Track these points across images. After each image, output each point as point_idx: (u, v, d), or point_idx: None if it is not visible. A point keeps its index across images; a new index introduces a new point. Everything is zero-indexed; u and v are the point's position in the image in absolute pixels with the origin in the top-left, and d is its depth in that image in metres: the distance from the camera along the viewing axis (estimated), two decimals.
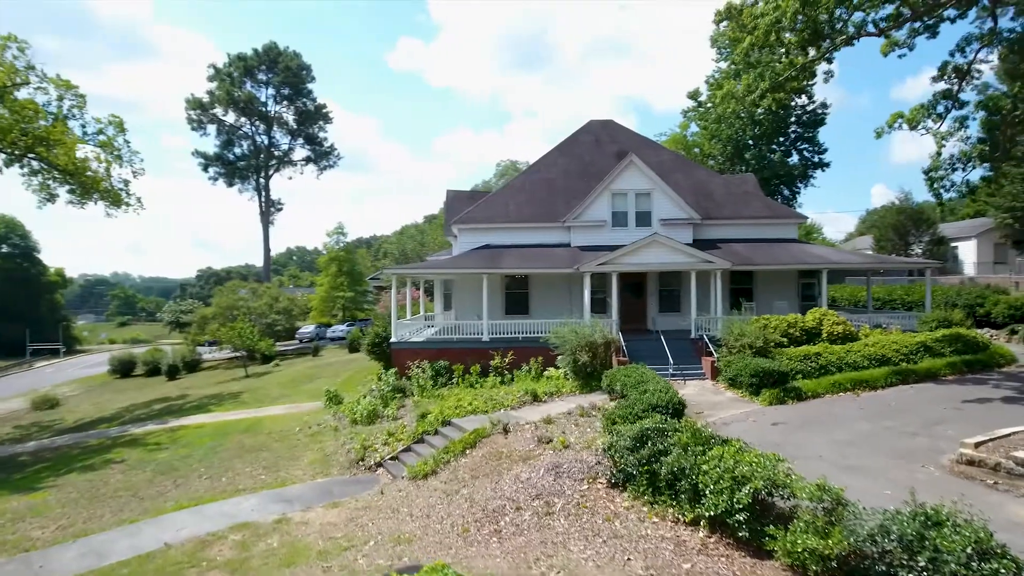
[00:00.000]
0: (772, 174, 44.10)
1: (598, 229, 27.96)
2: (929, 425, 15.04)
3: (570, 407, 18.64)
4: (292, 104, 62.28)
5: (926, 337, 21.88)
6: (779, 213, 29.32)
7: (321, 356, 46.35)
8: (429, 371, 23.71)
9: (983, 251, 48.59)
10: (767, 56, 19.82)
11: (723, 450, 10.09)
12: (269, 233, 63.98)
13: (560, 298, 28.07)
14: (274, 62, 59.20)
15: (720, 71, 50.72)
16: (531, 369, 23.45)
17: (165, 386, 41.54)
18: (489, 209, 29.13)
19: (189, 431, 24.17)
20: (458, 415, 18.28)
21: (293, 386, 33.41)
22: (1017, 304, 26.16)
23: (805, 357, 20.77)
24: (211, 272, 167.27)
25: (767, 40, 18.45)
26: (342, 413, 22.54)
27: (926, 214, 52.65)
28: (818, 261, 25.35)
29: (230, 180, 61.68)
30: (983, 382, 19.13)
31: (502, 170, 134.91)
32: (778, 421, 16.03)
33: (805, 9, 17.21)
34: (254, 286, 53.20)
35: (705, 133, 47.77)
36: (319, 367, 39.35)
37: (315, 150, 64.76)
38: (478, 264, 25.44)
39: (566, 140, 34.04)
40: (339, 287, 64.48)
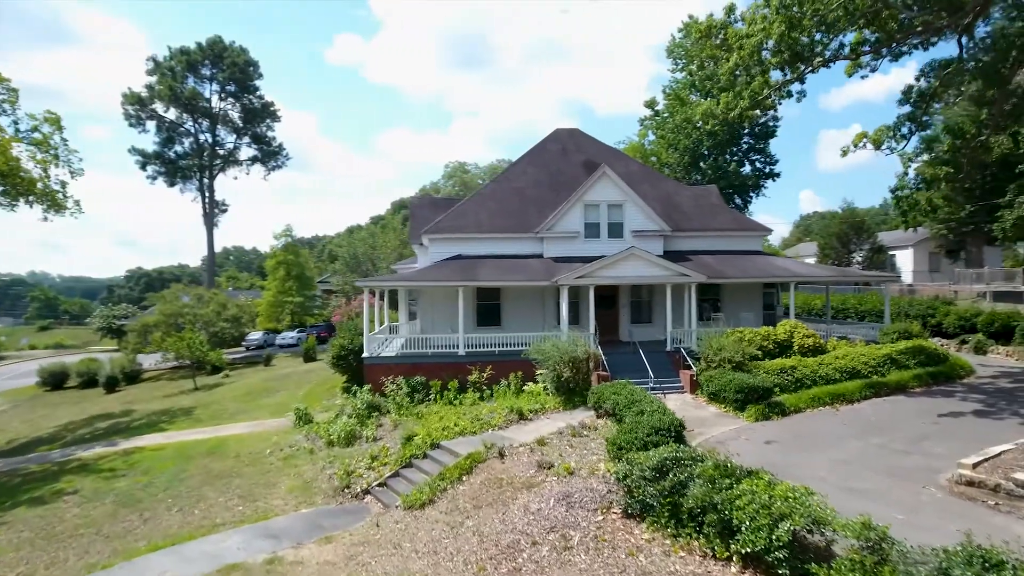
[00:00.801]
0: (728, 184, 45.24)
1: (571, 240, 27.86)
2: (916, 441, 15.52)
3: (559, 426, 18.38)
4: (238, 101, 59.65)
5: (891, 350, 22.72)
6: (745, 226, 29.98)
7: (274, 366, 44.50)
8: (405, 387, 22.99)
9: (919, 260, 51.32)
10: (745, 75, 20.08)
11: (753, 483, 10.01)
12: (213, 236, 61.12)
13: (533, 310, 27.84)
14: (219, 57, 56.50)
15: (676, 81, 51.71)
16: (510, 384, 23.06)
17: (104, 400, 38.92)
18: (460, 219, 28.57)
19: (146, 454, 22.58)
20: (446, 437, 17.72)
21: (250, 400, 31.89)
22: (966, 316, 27.62)
23: (782, 371, 21.19)
24: (142, 273, 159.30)
25: (752, 60, 18.73)
26: (315, 433, 21.54)
27: (866, 223, 55.20)
28: (786, 274, 26.00)
29: (171, 180, 58.48)
30: (950, 394, 19.98)
31: (450, 172, 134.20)
32: (771, 439, 16.22)
33: (790, 32, 17.55)
34: (199, 292, 50.60)
35: (662, 142, 48.56)
36: (275, 379, 37.73)
37: (262, 149, 62.21)
38: (453, 276, 24.86)
39: (534, 148, 33.84)
40: (288, 292, 62.32)
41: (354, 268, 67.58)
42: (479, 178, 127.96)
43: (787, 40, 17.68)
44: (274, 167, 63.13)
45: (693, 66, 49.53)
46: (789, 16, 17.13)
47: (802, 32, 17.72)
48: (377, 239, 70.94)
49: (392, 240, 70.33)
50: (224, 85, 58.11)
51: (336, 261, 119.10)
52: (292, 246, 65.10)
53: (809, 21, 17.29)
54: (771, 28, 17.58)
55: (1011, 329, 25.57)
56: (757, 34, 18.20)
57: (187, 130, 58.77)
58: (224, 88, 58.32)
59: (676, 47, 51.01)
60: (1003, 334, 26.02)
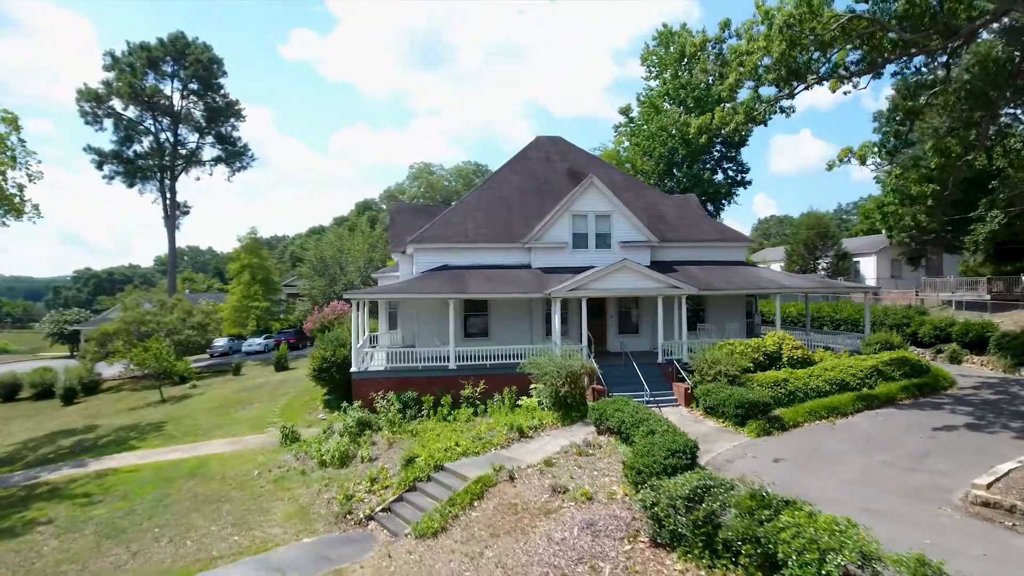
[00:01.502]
0: (702, 191, 45.83)
1: (559, 250, 27.66)
2: (918, 458, 15.79)
3: (562, 444, 18.14)
4: (201, 100, 57.56)
5: (876, 361, 23.19)
6: (729, 236, 30.30)
7: (244, 375, 43.02)
8: (397, 403, 22.38)
9: (882, 267, 52.97)
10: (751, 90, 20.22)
11: (794, 514, 9.91)
12: (175, 239, 58.75)
13: (521, 321, 27.56)
14: (181, 54, 54.32)
15: (650, 89, 52.12)
16: (504, 399, 22.70)
17: (63, 414, 36.95)
18: (446, 228, 28.06)
19: (121, 477, 21.39)
20: (450, 458, 17.24)
21: (224, 414, 30.67)
22: (941, 326, 28.51)
23: (775, 384, 21.39)
24: (90, 274, 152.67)
25: (753, 76, 18.86)
26: (305, 452, 20.77)
27: (831, 230, 56.68)
28: (772, 286, 26.36)
29: (130, 180, 55.94)
30: (939, 407, 20.49)
31: (415, 173, 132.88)
32: (778, 457, 16.28)
33: (791, 51, 17.70)
34: (161, 298, 48.59)
35: (637, 149, 48.88)
36: (247, 390, 36.44)
37: (227, 149, 60.12)
38: (444, 288, 24.36)
39: (516, 157, 33.59)
40: (253, 297, 60.62)
41: (321, 272, 66.06)
42: (445, 179, 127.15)
43: (787, 58, 17.84)
44: (239, 168, 61.20)
45: (667, 74, 50.12)
46: (791, 35, 17.28)
47: (801, 51, 17.91)
48: (345, 242, 69.52)
49: (360, 244, 69.01)
50: (187, 83, 55.95)
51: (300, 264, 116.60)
52: (257, 249, 63.36)
53: (807, 40, 17.48)
54: (772, 46, 17.70)
55: (985, 339, 26.50)
56: (757, 52, 18.33)
57: (147, 129, 56.41)
58: (187, 86, 56.17)
59: (650, 55, 51.41)
60: (977, 344, 26.94)
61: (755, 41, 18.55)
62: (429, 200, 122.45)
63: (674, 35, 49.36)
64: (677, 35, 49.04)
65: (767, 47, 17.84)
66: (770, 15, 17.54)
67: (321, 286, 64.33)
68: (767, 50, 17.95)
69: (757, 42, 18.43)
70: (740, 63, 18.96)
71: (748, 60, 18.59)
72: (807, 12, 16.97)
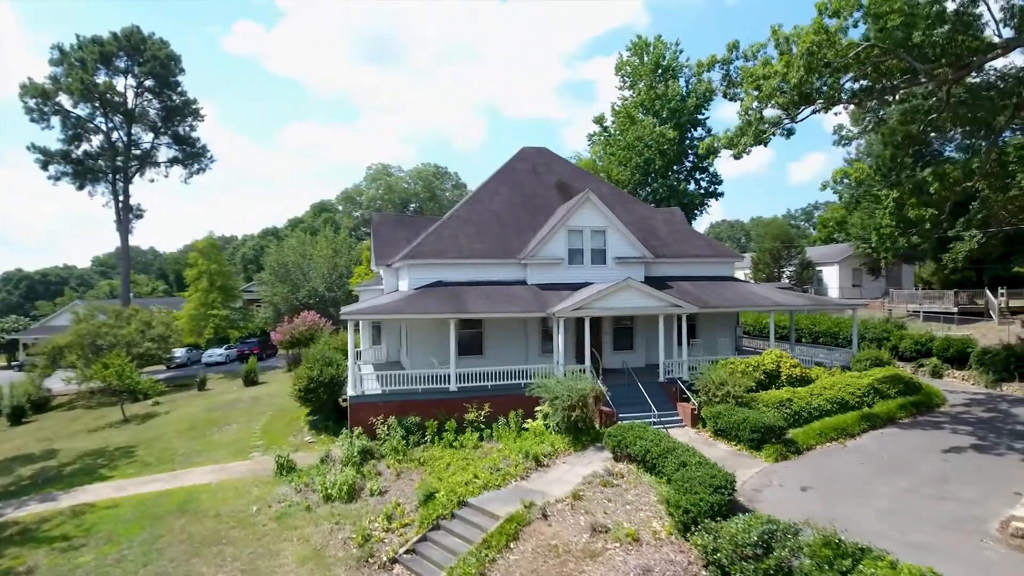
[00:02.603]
0: (678, 202, 46.26)
1: (555, 266, 27.25)
2: (939, 484, 16.03)
3: (582, 473, 17.73)
4: (156, 98, 54.64)
5: (871, 379, 23.62)
6: (719, 252, 30.51)
7: (210, 390, 40.97)
8: (399, 429, 21.49)
9: (844, 276, 54.69)
10: (756, 113, 20.26)
11: (876, 565, 9.73)
12: (128, 244, 55.56)
13: (515, 337, 27.00)
14: (136, 49, 51.34)
15: (624, 99, 52.35)
16: (509, 422, 22.11)
17: (13, 435, 34.30)
18: (439, 243, 27.25)
19: (101, 514, 19.77)
20: (471, 493, 16.57)
21: (199, 436, 28.98)
22: (921, 340, 29.45)
23: (780, 404, 21.52)
24: (22, 275, 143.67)
25: (770, 100, 18.90)
26: (304, 484, 19.66)
27: (795, 240, 58.24)
28: (767, 303, 26.62)
29: (79, 181, 52.46)
30: (938, 426, 21.00)
31: (374, 174, 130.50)
32: (805, 485, 16.28)
33: (809, 76, 17.80)
34: (117, 308, 45.77)
35: (612, 159, 48.99)
36: (218, 408, 34.60)
37: (184, 150, 57.25)
38: (443, 307, 23.59)
39: (503, 168, 32.96)
40: (211, 304, 58.03)
41: (283, 278, 63.82)
42: (404, 181, 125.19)
43: (805, 83, 17.94)
44: (198, 170, 58.35)
45: (641, 84, 50.44)
46: (809, 62, 17.36)
47: (817, 77, 18.04)
48: (308, 248, 67.39)
49: (324, 249, 67.03)
50: (141, 80, 53.00)
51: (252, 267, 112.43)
52: (216, 254, 60.77)
53: (824, 67, 17.60)
54: (790, 72, 17.75)
55: (965, 355, 27.47)
56: (774, 76, 18.37)
57: (97, 127, 53.17)
58: (141, 83, 53.19)
59: (624, 65, 51.62)
60: (958, 359, 27.91)
61: (770, 65, 18.59)
62: (388, 202, 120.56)
63: (648, 46, 49.71)
64: (652, 46, 49.40)
65: (786, 73, 17.90)
66: (790, 41, 17.62)
67: (284, 293, 62.16)
68: (785, 75, 18.00)
69: (772, 66, 18.48)
70: (757, 87, 19.01)
71: (766, 84, 18.63)
72: (826, 39, 17.09)
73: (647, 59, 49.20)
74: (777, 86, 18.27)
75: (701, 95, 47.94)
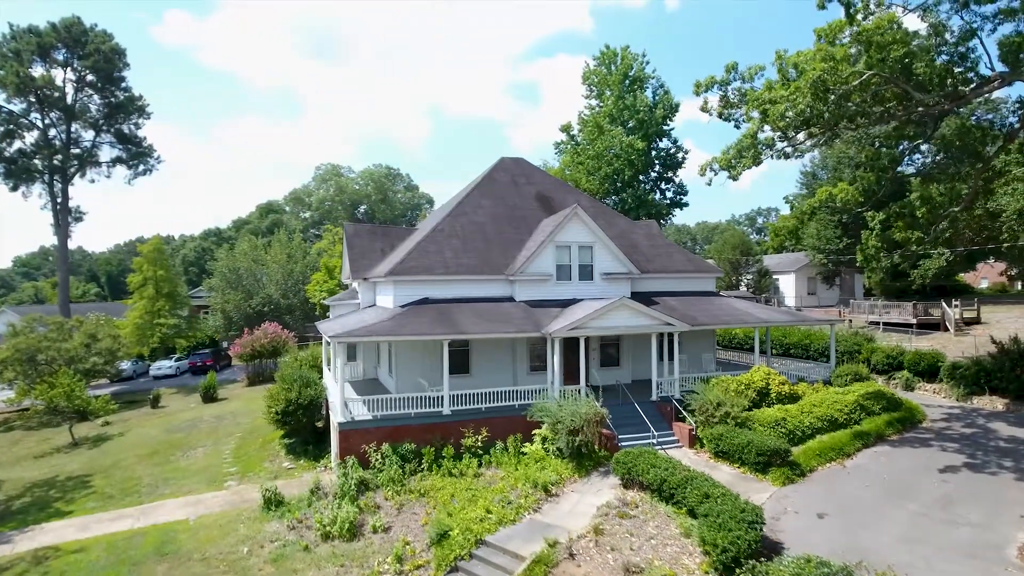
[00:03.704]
0: (646, 212, 46.64)
1: (543, 283, 26.78)
2: (946, 507, 16.40)
3: (595, 503, 17.35)
4: (99, 93, 51.20)
5: (856, 396, 24.16)
6: (701, 267, 30.72)
7: (165, 407, 38.64)
8: (395, 458, 20.54)
9: (800, 284, 56.51)
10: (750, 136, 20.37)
11: None
12: (68, 249, 51.86)
13: (504, 357, 26.37)
14: (78, 42, 47.86)
15: (591, 108, 52.45)
16: (508, 447, 21.51)
17: None
18: (425, 258, 26.35)
19: (68, 561, 17.98)
20: (487, 530, 15.89)
21: (163, 462, 27.11)
22: (893, 354, 30.50)
23: (775, 424, 21.74)
24: None
25: (776, 125, 19.01)
26: (297, 519, 18.49)
27: (753, 250, 59.80)
28: (754, 320, 26.93)
29: (12, 181, 48.53)
30: (927, 443, 21.62)
31: (323, 175, 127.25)
32: (821, 512, 16.36)
33: (816, 103, 17.98)
34: (59, 320, 42.52)
35: (581, 168, 48.99)
36: (178, 429, 32.57)
37: (129, 150, 53.89)
38: (436, 329, 22.73)
39: (483, 179, 32.33)
40: (159, 313, 54.92)
41: (235, 285, 61.08)
42: (355, 182, 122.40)
43: (813, 109, 18.13)
44: (144, 170, 55.03)
45: (608, 93, 50.65)
46: (816, 89, 17.53)
47: (825, 105, 18.26)
48: (261, 253, 64.72)
49: (279, 254, 64.52)
50: (83, 74, 49.55)
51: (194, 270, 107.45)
52: (162, 259, 57.51)
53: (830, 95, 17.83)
54: (798, 98, 17.89)
55: (936, 368, 28.55)
56: (782, 102, 18.47)
57: (33, 123, 49.35)
58: (82, 77, 49.74)
59: (591, 74, 51.74)
60: (928, 372, 28.99)
61: (775, 89, 18.71)
62: (339, 203, 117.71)
63: (616, 56, 49.95)
64: (619, 56, 49.66)
65: (793, 99, 18.03)
66: (800, 68, 17.76)
67: (236, 301, 59.49)
68: (791, 100, 18.14)
69: (777, 90, 18.59)
70: (763, 111, 19.09)
71: (773, 109, 18.72)
72: (832, 67, 17.29)
73: (615, 69, 49.44)
74: (783, 111, 18.39)
75: (669, 107, 48.57)
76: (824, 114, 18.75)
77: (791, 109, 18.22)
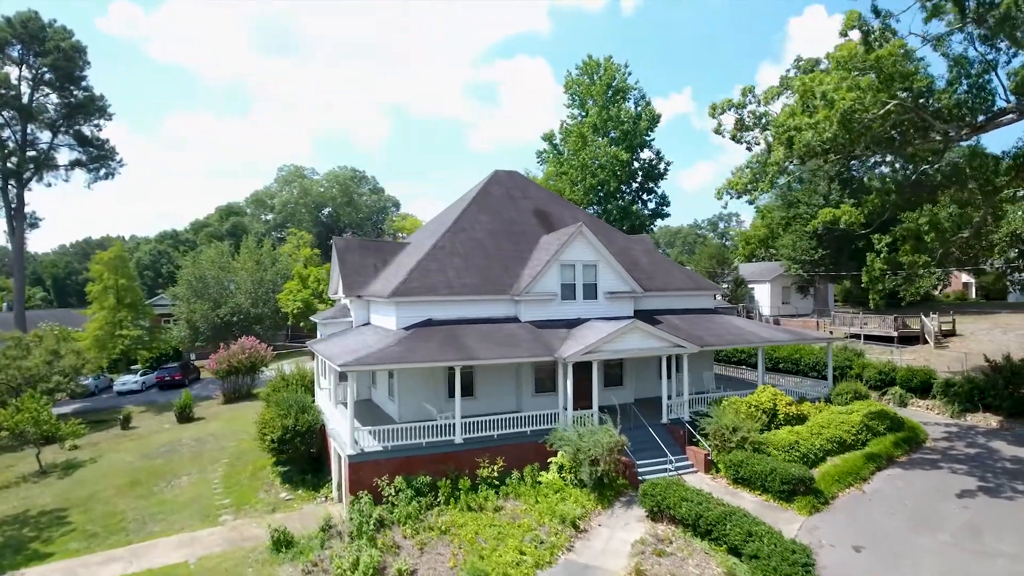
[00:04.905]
0: (631, 224, 46.66)
1: (548, 303, 26.27)
2: (976, 536, 16.55)
3: (627, 539, 16.93)
4: (56, 92, 48.36)
5: (861, 416, 24.40)
6: (700, 285, 30.71)
7: (136, 428, 36.56)
8: (409, 491, 19.67)
9: (775, 294, 57.48)
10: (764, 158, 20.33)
11: None
12: (23, 256, 48.79)
13: (507, 379, 25.77)
14: (35, 38, 45.06)
15: (572, 117, 52.26)
16: (524, 477, 20.90)
17: None
18: (428, 278, 25.50)
19: None
20: (525, 574, 15.26)
21: (146, 494, 25.42)
22: (884, 370, 31.07)
23: (790, 447, 21.75)
24: None
25: (803, 153, 18.98)
26: (311, 562, 17.47)
27: (729, 259, 60.61)
28: (756, 339, 27.01)
29: None
30: (936, 465, 21.94)
31: (286, 176, 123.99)
32: (856, 545, 16.31)
33: (841, 133, 17.99)
34: (16, 335, 39.86)
35: (565, 178, 48.70)
36: (157, 455, 30.75)
37: (88, 152, 51.11)
38: (447, 354, 21.96)
39: (479, 194, 31.60)
40: (121, 324, 52.27)
41: (201, 294, 58.59)
42: (320, 185, 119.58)
43: (839, 138, 18.14)
44: (105, 174, 52.28)
45: (590, 102, 50.52)
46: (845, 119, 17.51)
47: (850, 134, 18.29)
48: (228, 260, 62.27)
49: (247, 262, 62.21)
50: (40, 72, 46.72)
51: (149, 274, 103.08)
52: (124, 267, 54.74)
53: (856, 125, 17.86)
54: (826, 128, 17.85)
55: (928, 385, 29.19)
56: (808, 130, 18.42)
57: None
58: (40, 76, 46.90)
59: (573, 83, 51.52)
60: (920, 389, 29.60)
61: (799, 117, 18.65)
62: (302, 206, 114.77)
63: (599, 66, 49.87)
64: (602, 67, 49.59)
65: (820, 128, 17.98)
66: (828, 97, 17.72)
67: (203, 311, 57.07)
68: (817, 129, 18.10)
69: (800, 118, 18.54)
70: (789, 140, 19.01)
71: (799, 138, 18.66)
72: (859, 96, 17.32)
73: (598, 79, 49.34)
74: (809, 139, 18.35)
75: (651, 118, 48.74)
76: (848, 142, 18.82)
77: (817, 138, 18.21)
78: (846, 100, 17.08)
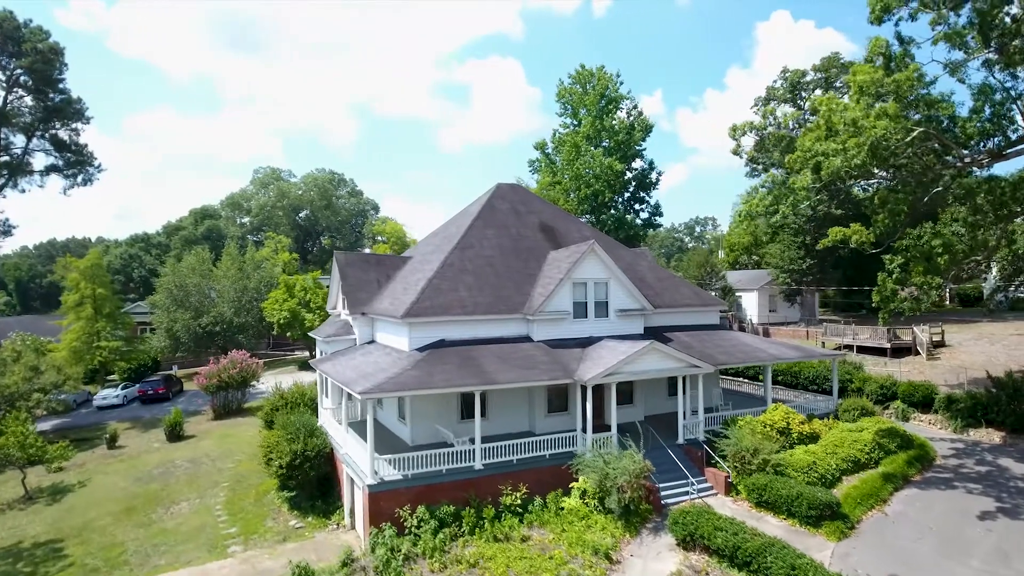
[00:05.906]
0: (625, 234, 46.68)
1: (560, 321, 25.97)
2: (1006, 561, 16.72)
3: (663, 570, 16.74)
4: (32, 94, 46.45)
5: (872, 435, 24.61)
6: (706, 301, 30.73)
7: (124, 448, 35.14)
8: (432, 522, 19.16)
9: (762, 302, 58.13)
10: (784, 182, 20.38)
11: None
12: None
13: (519, 399, 25.40)
14: (10, 39, 43.28)
15: (564, 125, 52.12)
16: (547, 503, 20.56)
17: None
18: (440, 297, 24.99)
19: None
20: None
21: (145, 523, 24.35)
22: (886, 384, 31.50)
23: (808, 468, 21.81)
24: None
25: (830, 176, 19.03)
26: None
27: (717, 268, 61.12)
28: (767, 357, 27.09)
29: None
30: (951, 484, 22.20)
31: (262, 179, 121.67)
32: (894, 573, 16.32)
33: (869, 160, 18.08)
34: None
35: (559, 188, 48.49)
36: (151, 477, 29.55)
37: (65, 158, 49.21)
38: (466, 378, 21.48)
39: (484, 208, 31.11)
40: (99, 335, 50.64)
41: (182, 302, 56.91)
42: (298, 188, 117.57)
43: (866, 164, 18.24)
44: (85, 180, 50.42)
45: (583, 112, 50.42)
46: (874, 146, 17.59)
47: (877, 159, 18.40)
48: (209, 267, 60.59)
49: (230, 269, 60.60)
50: (14, 74, 44.82)
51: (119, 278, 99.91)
52: (101, 275, 53.05)
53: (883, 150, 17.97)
54: (852, 155, 17.91)
55: (930, 400, 29.67)
56: (838, 155, 18.46)
57: None
58: (14, 78, 44.99)
59: (565, 92, 51.37)
60: (922, 403, 30.06)
61: (828, 143, 18.70)
62: (280, 209, 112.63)
63: (592, 76, 49.79)
64: (595, 76, 49.53)
65: (849, 154, 18.04)
66: (857, 123, 17.78)
67: (185, 320, 55.43)
68: (848, 159, 18.16)
69: (830, 143, 18.60)
70: (816, 165, 19.04)
71: (827, 163, 18.70)
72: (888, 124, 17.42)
73: (591, 89, 49.24)
74: (839, 165, 18.43)
75: (644, 128, 48.82)
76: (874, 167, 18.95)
77: (846, 164, 18.29)
78: (877, 128, 17.18)
